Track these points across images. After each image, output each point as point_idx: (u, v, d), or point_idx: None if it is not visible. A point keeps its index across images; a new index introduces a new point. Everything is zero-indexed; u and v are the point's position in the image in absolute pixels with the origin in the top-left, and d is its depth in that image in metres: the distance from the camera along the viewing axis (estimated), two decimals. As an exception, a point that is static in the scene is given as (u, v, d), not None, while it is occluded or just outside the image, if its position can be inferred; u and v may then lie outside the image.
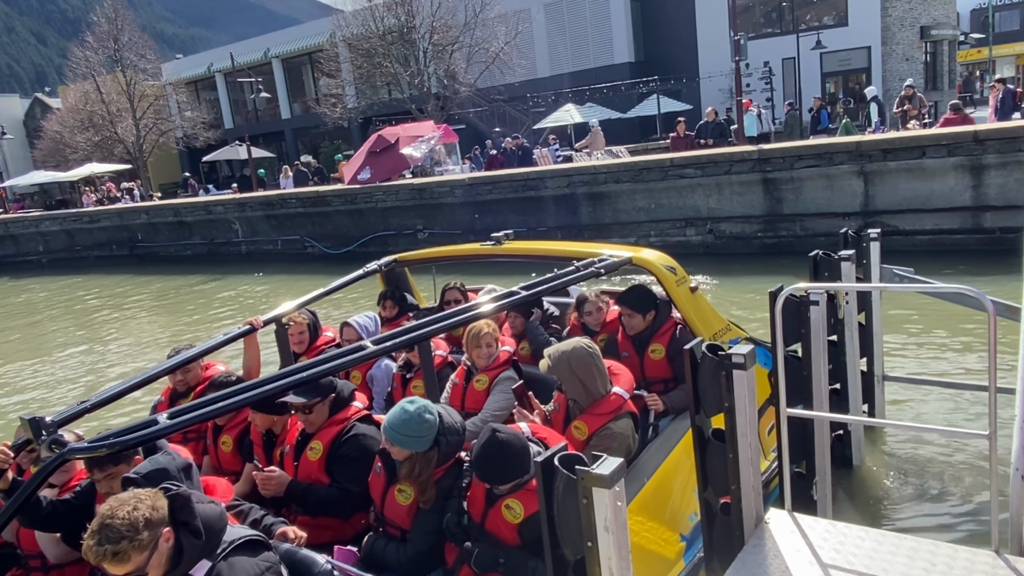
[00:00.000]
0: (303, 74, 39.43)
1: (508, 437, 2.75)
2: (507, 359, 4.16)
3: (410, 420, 2.88)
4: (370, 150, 18.43)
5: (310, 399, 3.28)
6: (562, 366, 3.45)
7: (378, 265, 5.36)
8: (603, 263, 4.21)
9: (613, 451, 3.33)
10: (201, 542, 2.24)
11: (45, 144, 39.12)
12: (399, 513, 3.00)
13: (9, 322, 16.58)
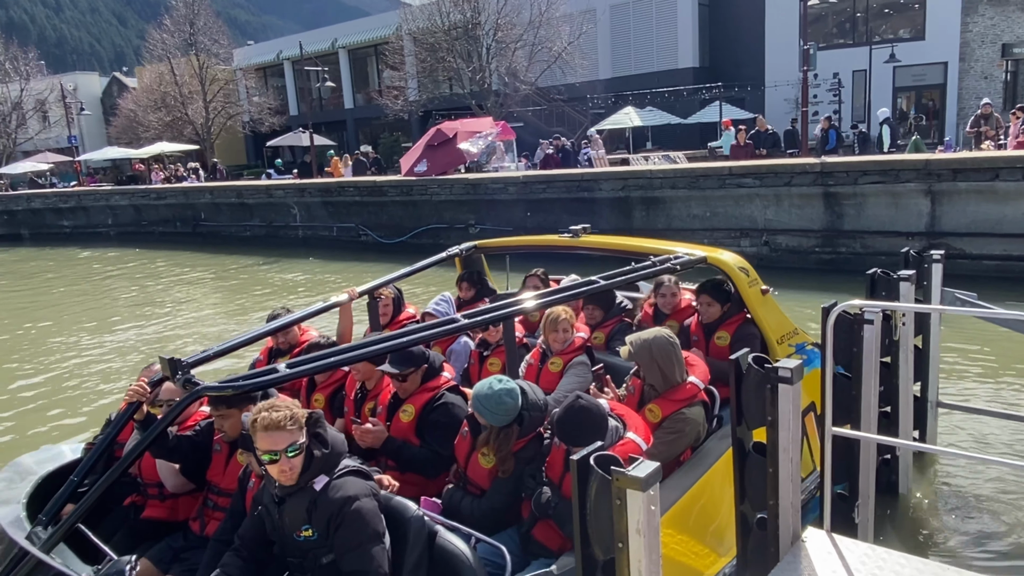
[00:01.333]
0: (368, 65, 40.06)
1: (590, 404, 2.99)
2: (581, 344, 4.34)
3: (493, 396, 3.12)
4: (428, 143, 18.64)
5: (403, 370, 3.55)
6: (643, 352, 3.59)
7: (459, 249, 5.65)
8: (678, 260, 4.40)
9: (684, 435, 3.56)
10: (326, 454, 2.61)
11: (120, 121, 40.71)
12: (481, 474, 3.23)
13: (82, 286, 17.34)
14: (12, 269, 22.03)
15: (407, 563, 2.66)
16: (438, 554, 2.72)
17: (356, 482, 2.66)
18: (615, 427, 3.07)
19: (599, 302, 5.06)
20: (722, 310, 4.62)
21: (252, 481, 2.98)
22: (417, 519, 2.75)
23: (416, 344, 3.39)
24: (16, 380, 9.56)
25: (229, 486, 3.20)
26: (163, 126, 36.67)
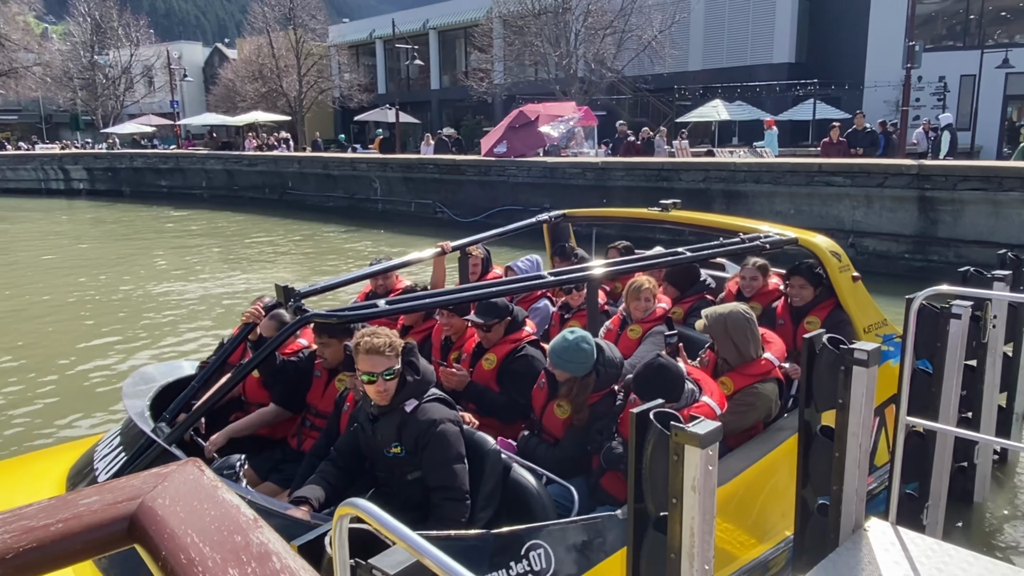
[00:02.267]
0: (456, 47, 40.43)
1: (668, 363, 3.08)
2: (662, 315, 4.41)
3: (569, 347, 3.25)
4: (510, 125, 18.73)
5: (488, 320, 3.75)
6: (718, 326, 3.60)
7: (548, 216, 5.68)
8: (768, 239, 4.32)
9: (753, 409, 3.56)
10: (417, 381, 2.87)
11: (218, 90, 42.55)
12: (555, 424, 3.37)
13: (178, 242, 18.34)
14: (118, 221, 23.47)
15: (482, 491, 2.86)
16: (511, 487, 2.91)
17: (442, 408, 2.88)
18: (691, 390, 3.13)
19: (673, 281, 5.02)
20: (812, 293, 4.53)
21: (347, 404, 3.26)
22: (494, 452, 2.94)
23: (501, 295, 3.68)
24: (128, 313, 10.36)
25: (326, 408, 3.50)
26: (258, 96, 38.11)
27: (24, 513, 0.94)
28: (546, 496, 2.88)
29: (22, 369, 8.21)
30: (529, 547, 2.59)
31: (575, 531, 2.73)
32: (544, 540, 2.63)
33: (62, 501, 0.96)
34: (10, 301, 11.86)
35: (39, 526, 0.93)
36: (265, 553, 0.85)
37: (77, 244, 19.16)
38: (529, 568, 2.56)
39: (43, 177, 32.37)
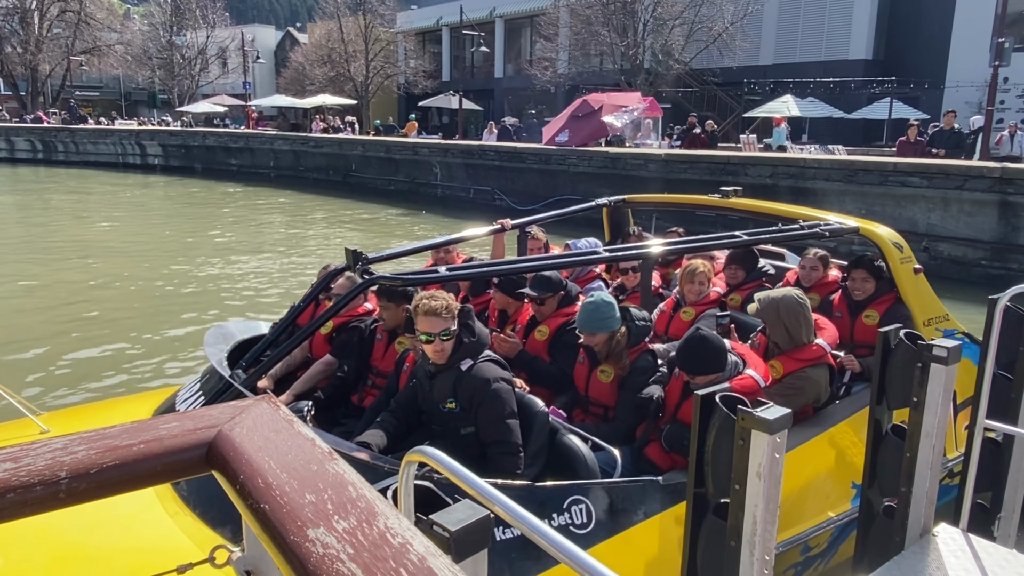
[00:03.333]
0: (521, 36, 40.33)
1: (709, 335, 3.14)
2: (716, 298, 4.45)
3: (595, 307, 3.41)
4: (572, 114, 18.58)
5: (542, 293, 3.89)
6: (770, 310, 3.59)
7: (608, 200, 5.70)
8: (828, 227, 4.26)
9: (802, 392, 3.53)
10: (473, 342, 3.02)
11: (288, 73, 43.57)
12: (602, 391, 3.50)
13: (247, 217, 18.90)
14: (189, 198, 24.33)
15: (530, 449, 3.00)
16: (558, 448, 3.04)
17: (495, 368, 3.04)
18: (734, 362, 3.16)
19: (742, 263, 4.97)
20: (874, 286, 4.45)
21: (407, 364, 3.44)
22: (542, 413, 3.08)
23: (555, 268, 3.86)
24: (205, 277, 11.00)
25: (386, 368, 3.70)
26: (326, 80, 38.86)
27: (108, 432, 0.96)
28: (591, 459, 2.98)
29: (111, 325, 8.87)
30: (571, 501, 2.71)
31: (616, 492, 2.82)
32: (586, 497, 2.74)
33: (144, 424, 0.98)
34: (96, 266, 12.43)
35: (122, 445, 0.94)
36: (341, 482, 0.85)
37: (153, 215, 19.93)
38: (570, 521, 2.68)
39: (121, 151, 33.75)
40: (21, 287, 10.87)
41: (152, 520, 2.55)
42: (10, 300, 10.05)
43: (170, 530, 2.52)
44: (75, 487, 0.90)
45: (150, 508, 2.59)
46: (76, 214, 19.78)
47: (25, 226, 17.47)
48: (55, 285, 10.95)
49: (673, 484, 2.96)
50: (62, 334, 8.38)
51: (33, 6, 41.39)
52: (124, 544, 2.51)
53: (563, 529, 2.63)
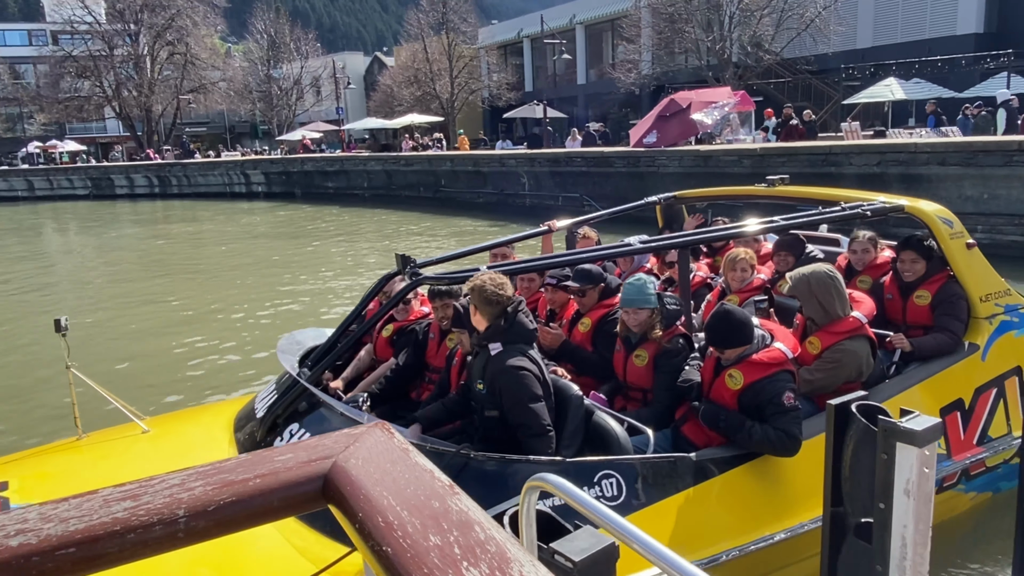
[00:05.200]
0: (603, 40, 40.11)
1: (732, 308, 3.28)
2: (760, 285, 4.48)
3: (637, 287, 3.63)
4: (660, 114, 18.19)
5: (583, 285, 4.10)
6: (801, 286, 3.60)
7: (658, 198, 5.73)
8: (870, 207, 4.17)
9: (842, 366, 3.51)
10: (504, 327, 3.14)
11: (378, 96, 45.06)
12: (639, 375, 3.67)
13: (340, 235, 19.62)
14: (289, 220, 25.49)
15: (566, 431, 3.14)
16: (593, 429, 3.18)
17: (518, 356, 3.12)
18: (762, 335, 3.25)
19: (790, 249, 4.94)
20: (925, 266, 4.33)
21: (456, 359, 3.66)
22: (577, 397, 3.22)
23: (591, 261, 4.11)
24: (302, 291, 11.53)
25: (440, 364, 3.96)
26: (414, 100, 39.92)
27: (223, 467, 0.91)
28: (624, 437, 3.07)
29: (205, 333, 9.62)
30: (601, 475, 2.82)
31: (647, 467, 2.92)
32: (616, 471, 2.85)
33: (258, 457, 0.93)
34: (202, 284, 13.20)
35: (238, 480, 0.90)
36: (466, 521, 0.77)
37: (257, 238, 20.99)
38: (601, 493, 2.79)
39: (228, 181, 35.84)
40: (143, 305, 11.65)
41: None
42: (131, 316, 10.87)
43: (278, 541, 2.59)
44: (194, 526, 0.86)
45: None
46: (190, 239, 21.10)
47: (144, 252, 18.79)
48: (167, 303, 11.67)
49: (705, 460, 3.04)
50: (172, 343, 9.21)
51: (145, 52, 44.74)
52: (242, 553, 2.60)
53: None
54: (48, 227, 28.18)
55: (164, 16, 44.26)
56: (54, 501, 0.83)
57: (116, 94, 45.22)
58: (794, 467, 3.13)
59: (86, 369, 3.89)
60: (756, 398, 3.08)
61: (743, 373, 3.15)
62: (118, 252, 20.12)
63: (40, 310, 11.70)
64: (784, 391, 3.06)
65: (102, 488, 0.84)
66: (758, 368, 3.14)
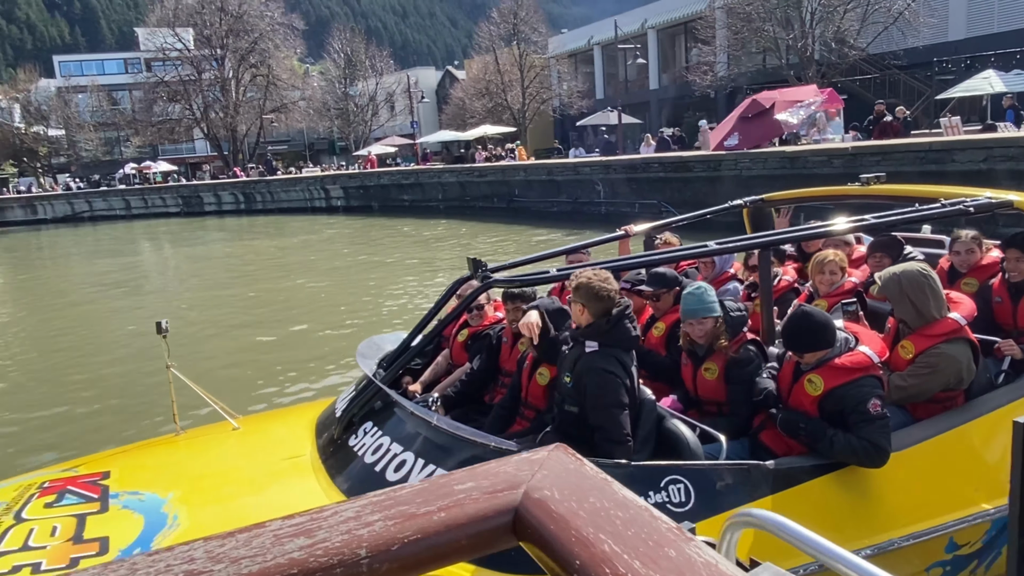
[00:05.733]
0: (675, 44, 39.50)
1: (812, 311, 3.07)
2: (851, 288, 4.17)
3: (698, 295, 3.45)
4: (741, 115, 17.67)
5: (657, 288, 4.00)
6: (892, 285, 3.35)
7: (743, 201, 5.44)
8: (974, 203, 3.82)
9: (938, 372, 3.23)
10: (603, 327, 3.08)
11: (450, 109, 45.74)
12: (711, 388, 3.50)
13: (415, 247, 19.90)
14: (370, 232, 26.07)
15: (638, 436, 3.09)
16: (664, 435, 3.12)
17: (612, 360, 3.06)
18: (845, 338, 3.05)
19: (886, 250, 4.53)
20: None
21: (527, 363, 3.65)
22: (649, 401, 3.18)
23: (662, 263, 4.02)
24: (370, 300, 11.73)
25: (511, 368, 3.96)
26: (486, 112, 40.31)
27: (400, 497, 0.80)
28: (694, 443, 2.96)
29: (293, 339, 10.19)
30: (669, 480, 2.72)
31: (718, 473, 2.79)
32: (684, 477, 2.74)
33: (435, 486, 0.81)
34: (288, 294, 13.59)
35: (419, 513, 0.77)
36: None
37: (337, 249, 21.52)
38: (667, 499, 2.70)
39: (308, 196, 37.02)
40: (234, 312, 12.07)
41: None
42: (224, 322, 11.49)
43: None
44: (376, 568, 0.75)
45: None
46: (276, 251, 21.81)
47: (234, 263, 19.53)
48: (256, 311, 12.04)
49: (783, 469, 2.86)
50: (262, 347, 9.84)
51: (231, 75, 46.90)
52: None
53: (660, 506, 2.60)
54: (144, 242, 29.73)
55: (247, 40, 46.33)
56: (220, 536, 0.73)
57: (204, 116, 47.58)
58: (884, 479, 2.93)
59: (184, 369, 4.08)
60: (838, 404, 2.89)
61: (823, 378, 2.96)
62: (209, 262, 21.08)
63: (144, 315, 12.44)
64: (869, 398, 2.86)
65: (270, 521, 0.74)
66: (840, 373, 2.94)
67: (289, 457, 3.48)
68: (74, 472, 3.56)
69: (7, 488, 3.49)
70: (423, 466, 2.93)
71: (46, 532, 2.93)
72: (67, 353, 10.55)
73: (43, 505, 3.18)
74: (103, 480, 3.38)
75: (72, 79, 54.55)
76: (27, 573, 2.66)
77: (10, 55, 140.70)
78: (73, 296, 16.55)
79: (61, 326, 12.69)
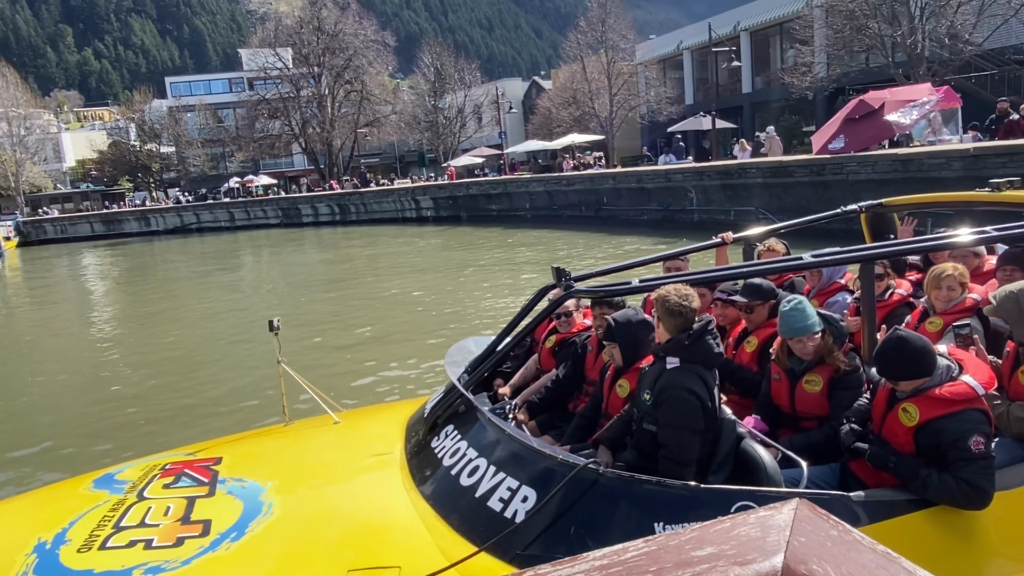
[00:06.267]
0: (769, 46, 38.24)
1: (909, 335, 2.79)
2: (972, 306, 3.77)
3: (799, 310, 3.26)
4: (847, 117, 16.80)
5: (751, 300, 3.85)
6: (1009, 304, 3.03)
7: (858, 206, 5.03)
8: None
9: None
10: (684, 343, 3.01)
11: (536, 119, 45.96)
12: (811, 402, 3.33)
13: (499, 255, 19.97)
14: (459, 241, 26.44)
15: (716, 458, 2.98)
16: (742, 456, 2.97)
17: (694, 379, 2.94)
18: (947, 366, 2.78)
19: (1018, 263, 4.02)
20: None
21: (609, 372, 3.64)
22: (729, 421, 3.02)
23: (754, 275, 3.82)
24: (460, 309, 11.81)
25: (595, 377, 3.94)
26: (572, 120, 40.24)
27: (628, 563, 0.67)
28: (773, 469, 2.79)
29: (391, 341, 10.63)
30: (740, 506, 2.58)
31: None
32: (758, 503, 2.49)
33: (663, 548, 0.68)
34: (386, 299, 13.89)
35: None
36: None
37: (430, 258, 21.89)
38: None
39: (400, 207, 37.93)
40: (338, 314, 12.44)
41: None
42: (330, 323, 12.00)
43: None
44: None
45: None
46: (371, 260, 22.40)
47: (333, 270, 20.16)
48: (357, 315, 12.35)
49: (872, 502, 2.63)
50: (366, 346, 10.47)
51: (327, 91, 48.81)
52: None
53: None
54: (247, 251, 31.20)
55: (343, 57, 48.10)
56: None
57: (302, 131, 49.70)
58: (991, 520, 2.66)
59: (291, 365, 4.31)
60: (935, 438, 2.65)
61: (920, 408, 2.71)
62: (307, 268, 21.88)
63: (251, 317, 13.40)
64: (972, 434, 2.59)
65: None
66: (939, 404, 2.68)
67: (379, 454, 3.62)
68: (192, 456, 3.88)
69: (135, 468, 3.83)
70: (494, 473, 2.93)
71: (161, 511, 3.21)
72: (183, 350, 11.42)
73: (162, 486, 3.50)
74: (215, 465, 3.66)
75: (182, 99, 58.20)
76: (140, 548, 2.92)
77: (127, 78, 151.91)
78: (187, 300, 17.52)
79: (176, 327, 13.66)
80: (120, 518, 3.19)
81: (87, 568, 2.84)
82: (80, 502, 3.42)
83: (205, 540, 2.94)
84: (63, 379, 10.29)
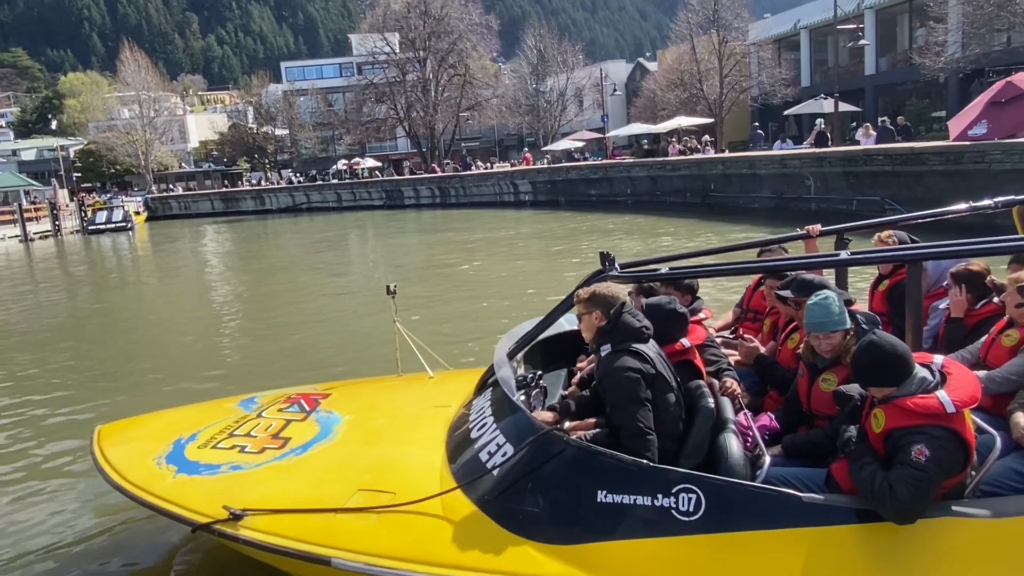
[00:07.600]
0: (897, 24, 35.63)
1: (881, 341, 2.69)
2: None
3: (824, 306, 3.21)
4: (992, 100, 15.36)
5: (798, 296, 3.69)
6: None
7: (993, 203, 4.30)
8: None
9: None
10: (610, 330, 3.21)
11: (640, 101, 44.90)
12: (824, 401, 3.26)
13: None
14: (558, 225, 26.29)
15: (689, 442, 3.13)
16: (716, 445, 3.04)
17: (626, 358, 3.09)
18: (922, 377, 2.63)
19: None
20: None
21: None
22: (706, 409, 3.16)
23: (792, 268, 3.79)
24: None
25: None
26: (679, 103, 39.01)
27: None
28: (735, 459, 2.88)
29: (490, 314, 11.30)
30: (681, 488, 2.69)
31: (737, 492, 2.70)
32: (701, 489, 2.69)
33: None
34: (487, 274, 13.96)
35: None
36: None
37: (528, 242, 21.83)
38: (674, 505, 2.69)
39: (498, 191, 38.10)
40: (443, 287, 12.62)
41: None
42: (435, 294, 12.52)
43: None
44: None
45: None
46: (470, 241, 22.60)
47: (434, 248, 20.48)
48: (460, 287, 12.48)
49: (818, 505, 2.62)
50: (468, 314, 11.47)
51: (431, 76, 49.55)
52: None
53: (663, 511, 2.69)
54: (354, 229, 32.20)
55: (448, 41, 48.63)
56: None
57: (407, 115, 50.76)
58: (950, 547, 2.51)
59: (410, 327, 4.92)
60: (895, 448, 2.57)
61: (887, 416, 2.64)
62: (411, 247, 22.35)
63: (371, 286, 14.73)
64: (919, 443, 2.48)
65: None
66: (904, 415, 2.58)
67: (439, 406, 4.06)
68: (313, 390, 4.64)
69: (272, 395, 4.65)
70: (493, 431, 3.28)
71: (265, 427, 4.00)
72: (313, 313, 12.74)
73: (277, 409, 4.28)
74: (322, 399, 4.36)
75: (296, 83, 60.61)
76: (236, 451, 3.75)
77: (246, 63, 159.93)
78: (311, 271, 18.27)
79: (305, 294, 15.07)
80: (236, 429, 4.03)
81: (196, 460, 3.71)
82: (221, 413, 4.35)
83: (279, 452, 3.68)
84: (235, 325, 12.12)
